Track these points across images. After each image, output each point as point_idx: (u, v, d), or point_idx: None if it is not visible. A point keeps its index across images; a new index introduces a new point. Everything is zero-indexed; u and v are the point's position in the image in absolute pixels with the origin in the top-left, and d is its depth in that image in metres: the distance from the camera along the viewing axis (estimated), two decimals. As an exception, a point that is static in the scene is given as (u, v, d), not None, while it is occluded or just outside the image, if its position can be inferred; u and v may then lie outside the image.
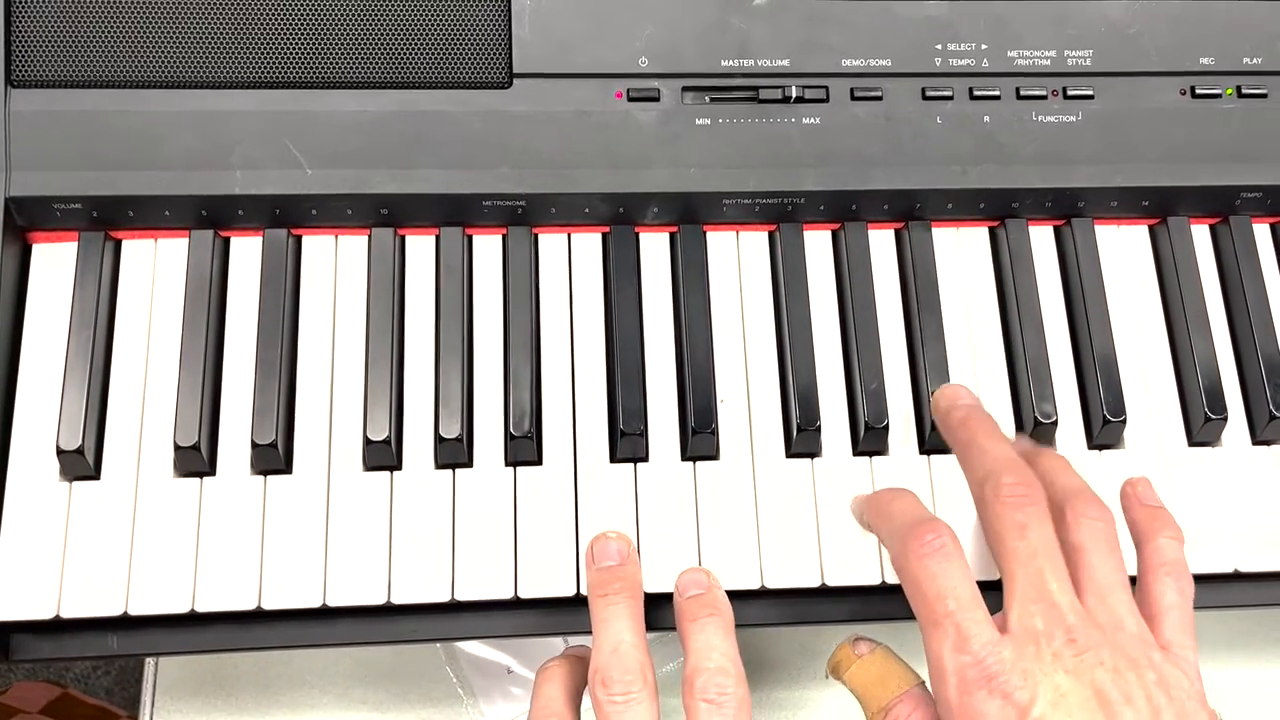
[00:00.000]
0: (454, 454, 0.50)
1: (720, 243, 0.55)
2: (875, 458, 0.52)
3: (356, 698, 0.60)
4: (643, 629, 0.46)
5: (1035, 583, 0.43)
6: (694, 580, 0.47)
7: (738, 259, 0.54)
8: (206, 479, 0.49)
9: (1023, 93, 0.54)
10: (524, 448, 0.50)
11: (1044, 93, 0.54)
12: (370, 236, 0.53)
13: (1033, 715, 0.40)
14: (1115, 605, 0.43)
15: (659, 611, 0.49)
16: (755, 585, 0.50)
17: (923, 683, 0.46)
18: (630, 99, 0.53)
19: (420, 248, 0.54)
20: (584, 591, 0.49)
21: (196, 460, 0.49)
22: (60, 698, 1.00)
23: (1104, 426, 0.52)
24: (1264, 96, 0.55)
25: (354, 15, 0.52)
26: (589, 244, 0.54)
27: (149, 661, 0.60)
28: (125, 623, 0.49)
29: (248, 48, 0.52)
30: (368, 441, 0.50)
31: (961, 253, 0.55)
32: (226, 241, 0.53)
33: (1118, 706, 0.40)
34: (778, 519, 0.50)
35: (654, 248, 0.54)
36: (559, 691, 0.46)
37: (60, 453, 0.48)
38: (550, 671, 0.47)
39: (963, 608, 0.42)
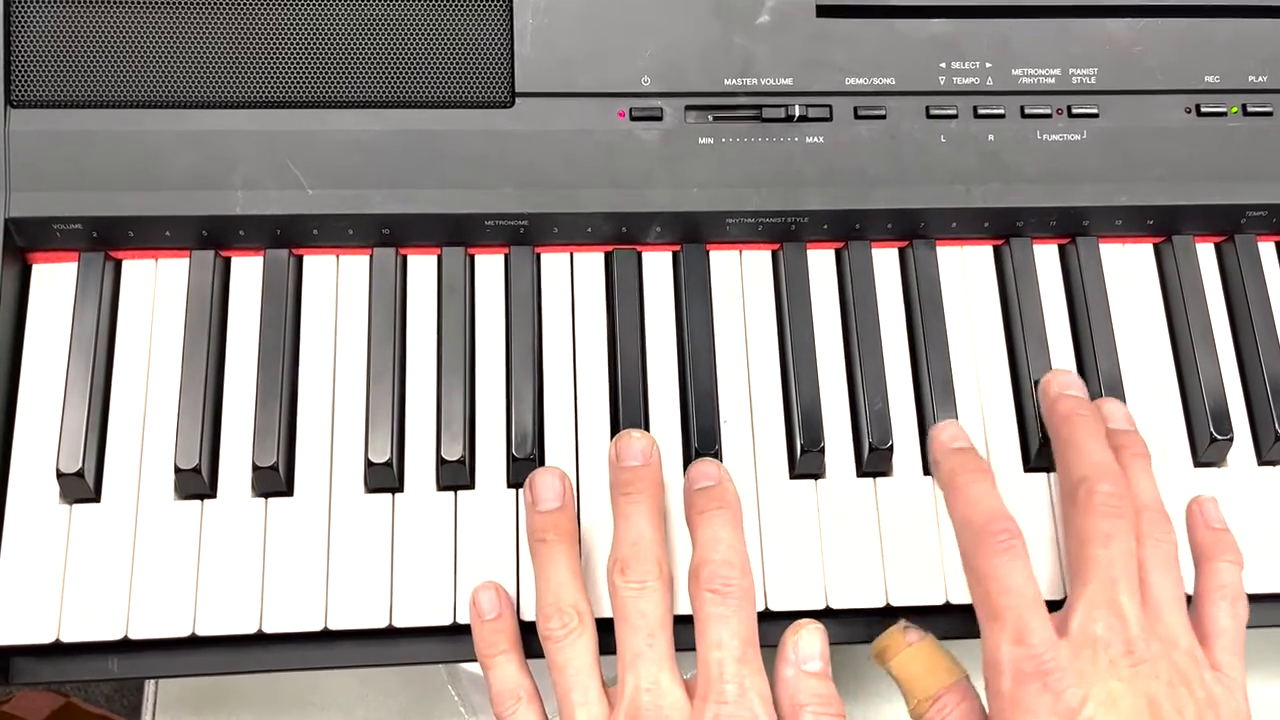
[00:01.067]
0: (456, 476, 0.50)
1: (723, 262, 0.54)
2: (879, 479, 0.51)
3: (358, 717, 0.60)
4: (661, 525, 0.47)
5: (1106, 591, 0.44)
6: (704, 472, 0.48)
7: (741, 278, 0.54)
8: (207, 501, 0.49)
9: (1027, 111, 0.54)
10: (526, 469, 0.50)
11: (1048, 111, 0.54)
12: (372, 256, 0.53)
13: (1082, 716, 0.41)
14: (1171, 623, 0.45)
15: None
16: (760, 608, 0.49)
17: (967, 676, 0.47)
18: (633, 118, 0.53)
19: (422, 267, 0.53)
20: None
21: (197, 483, 0.49)
22: (64, 707, 1.00)
23: (1109, 447, 0.52)
24: (1269, 115, 0.55)
25: (356, 35, 0.52)
26: (592, 263, 0.54)
27: (149, 681, 0.60)
28: (126, 645, 0.48)
29: (248, 67, 0.52)
30: (369, 464, 0.49)
31: (966, 272, 0.55)
32: (227, 262, 0.53)
33: (1168, 717, 0.41)
34: (781, 540, 0.50)
35: (657, 267, 0.54)
36: (568, 575, 0.46)
37: (60, 475, 0.48)
38: (551, 550, 0.46)
39: (1025, 605, 0.44)
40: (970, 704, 0.46)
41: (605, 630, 0.46)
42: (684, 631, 0.46)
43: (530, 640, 0.48)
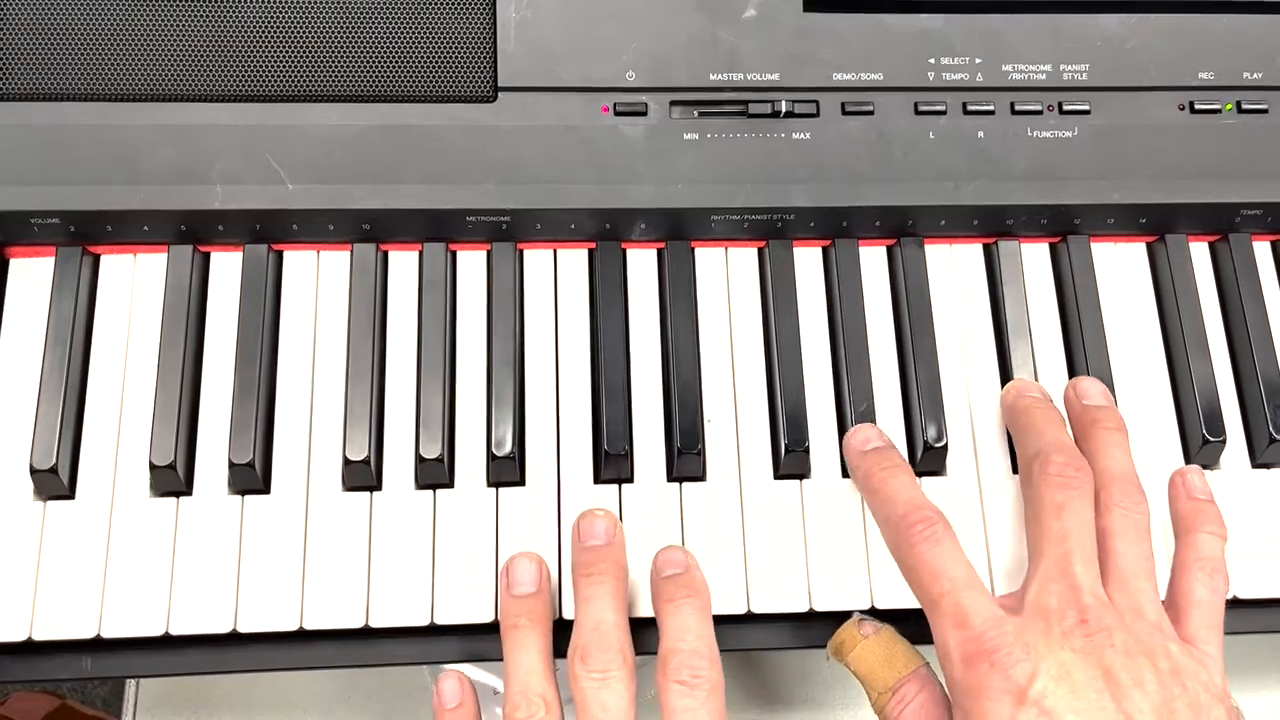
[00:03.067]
0: (435, 474, 0.49)
1: (708, 259, 0.54)
2: (865, 480, 0.51)
3: (340, 718, 0.59)
4: (624, 609, 0.46)
5: (1060, 562, 0.44)
6: (671, 559, 0.47)
7: (726, 276, 0.54)
8: (183, 499, 0.49)
9: (1017, 108, 0.53)
10: (506, 468, 0.49)
11: (1039, 108, 0.54)
12: (352, 252, 0.52)
13: (1034, 689, 0.41)
14: (1136, 593, 0.44)
15: (645, 635, 0.47)
16: (741, 610, 0.49)
17: (927, 664, 0.46)
18: (617, 113, 0.52)
19: (403, 264, 0.53)
20: (567, 616, 0.48)
21: (173, 480, 0.48)
22: (59, 708, 0.99)
23: (1099, 449, 0.51)
24: (1264, 112, 0.54)
25: (336, 28, 0.52)
26: (575, 260, 0.53)
27: (130, 681, 0.60)
28: (100, 644, 0.48)
29: (228, 61, 0.51)
30: (347, 461, 0.49)
31: (955, 270, 0.54)
32: (206, 257, 0.52)
33: (1127, 688, 0.40)
34: (765, 542, 0.49)
35: (641, 264, 0.53)
36: (537, 663, 0.45)
37: (34, 472, 0.48)
38: (522, 636, 0.46)
39: (958, 587, 0.43)
40: (930, 692, 0.45)
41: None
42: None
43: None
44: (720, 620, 0.47)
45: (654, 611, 0.46)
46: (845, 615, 0.49)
